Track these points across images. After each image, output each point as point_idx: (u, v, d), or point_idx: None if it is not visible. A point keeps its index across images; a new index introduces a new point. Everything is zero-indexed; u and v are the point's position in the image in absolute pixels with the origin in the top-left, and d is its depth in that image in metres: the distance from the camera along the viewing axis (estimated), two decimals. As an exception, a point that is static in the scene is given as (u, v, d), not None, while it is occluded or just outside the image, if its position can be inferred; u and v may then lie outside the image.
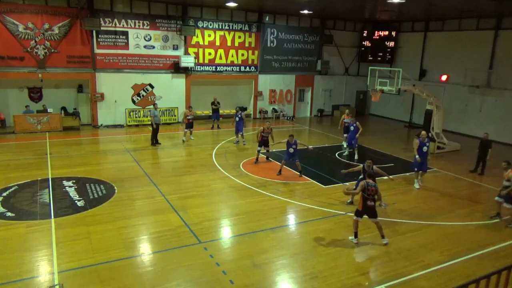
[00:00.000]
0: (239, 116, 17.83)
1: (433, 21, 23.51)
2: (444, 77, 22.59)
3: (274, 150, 16.98)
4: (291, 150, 13.32)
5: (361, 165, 10.98)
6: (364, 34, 26.68)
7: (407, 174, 14.37)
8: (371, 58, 26.38)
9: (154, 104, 18.12)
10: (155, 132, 17.06)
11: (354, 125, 16.11)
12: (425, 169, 13.05)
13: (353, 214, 9.08)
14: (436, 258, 8.35)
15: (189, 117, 17.77)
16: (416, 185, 12.99)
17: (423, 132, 13.16)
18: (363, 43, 26.78)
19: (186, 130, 18.04)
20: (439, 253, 8.56)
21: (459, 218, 10.59)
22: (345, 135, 17.14)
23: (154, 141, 17.21)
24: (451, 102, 22.18)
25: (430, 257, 8.36)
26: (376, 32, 26.10)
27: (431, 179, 14.10)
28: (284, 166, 13.84)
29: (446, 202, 11.82)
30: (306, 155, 16.69)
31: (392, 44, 25.69)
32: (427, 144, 12.85)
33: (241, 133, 17.85)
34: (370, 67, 18.09)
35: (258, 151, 14.97)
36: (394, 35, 25.56)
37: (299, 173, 13.51)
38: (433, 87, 22.03)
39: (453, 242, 9.14)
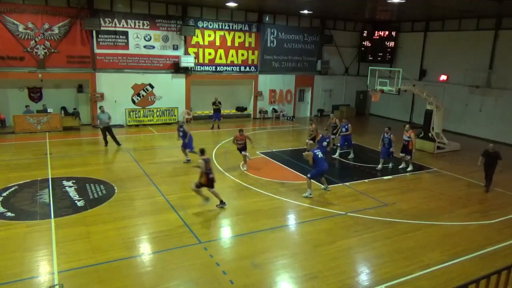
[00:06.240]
0: (181, 130, 14.61)
1: (433, 21, 23.52)
2: (443, 77, 22.61)
3: (274, 150, 17.01)
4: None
5: None
6: (364, 34, 26.68)
7: (407, 174, 14.40)
8: (371, 58, 26.39)
9: (101, 107, 17.18)
10: (103, 133, 16.38)
11: (347, 126, 15.96)
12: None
13: (353, 214, 9.07)
14: (436, 258, 8.35)
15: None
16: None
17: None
18: (363, 43, 26.79)
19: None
20: (439, 253, 8.56)
21: (459, 218, 10.59)
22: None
23: (106, 142, 16.52)
24: (451, 102, 22.18)
25: (430, 257, 8.36)
26: (376, 32, 26.11)
27: (431, 179, 14.11)
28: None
29: (446, 202, 11.82)
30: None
31: (392, 44, 25.69)
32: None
33: (188, 149, 14.66)
34: (370, 67, 18.07)
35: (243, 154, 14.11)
36: (394, 35, 25.56)
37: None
38: (433, 87, 22.03)
39: (453, 242, 9.14)
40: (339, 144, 16.29)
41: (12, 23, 17.92)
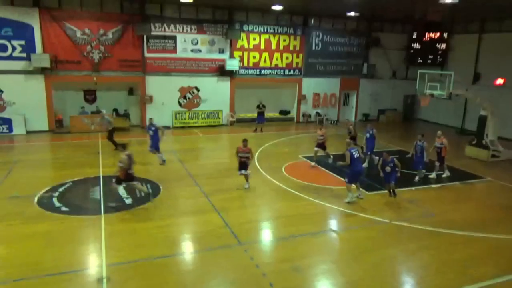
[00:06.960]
0: (153, 129, 14.46)
1: (489, 21, 22.24)
2: (499, 81, 21.28)
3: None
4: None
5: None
6: (413, 36, 25.69)
7: (457, 183, 13.68)
8: (421, 61, 25.33)
9: (100, 112, 18.45)
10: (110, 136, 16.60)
11: (371, 131, 15.00)
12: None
13: (397, 223, 8.74)
14: (489, 272, 7.86)
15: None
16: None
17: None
18: (412, 45, 25.80)
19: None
20: (492, 268, 8.05)
21: (515, 231, 9.92)
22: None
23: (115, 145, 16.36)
24: (509, 108, 20.79)
25: (482, 271, 7.89)
26: (426, 33, 25.08)
27: (484, 189, 13.33)
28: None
29: (501, 213, 11.11)
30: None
31: (443, 46, 24.58)
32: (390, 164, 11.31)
33: (155, 150, 14.60)
34: (419, 71, 17.44)
35: (241, 175, 12.25)
36: (445, 37, 24.46)
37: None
38: (489, 92, 20.78)
39: (509, 257, 8.57)
40: (368, 152, 15.23)
41: (71, 29, 19.10)
